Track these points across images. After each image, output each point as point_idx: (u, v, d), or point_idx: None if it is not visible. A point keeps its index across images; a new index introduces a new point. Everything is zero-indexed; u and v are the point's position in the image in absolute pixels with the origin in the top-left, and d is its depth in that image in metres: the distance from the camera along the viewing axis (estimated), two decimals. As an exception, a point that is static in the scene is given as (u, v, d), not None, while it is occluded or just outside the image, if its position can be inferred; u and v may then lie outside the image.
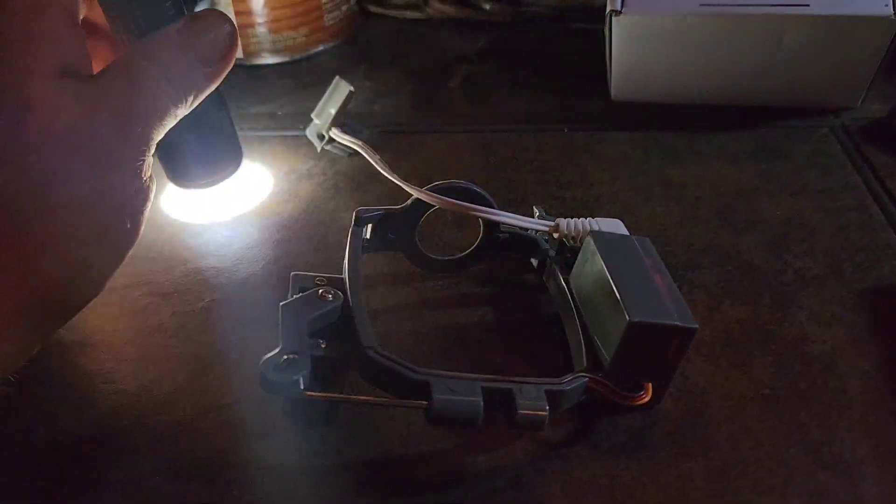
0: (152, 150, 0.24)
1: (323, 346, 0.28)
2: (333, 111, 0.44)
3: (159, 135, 0.24)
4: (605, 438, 0.28)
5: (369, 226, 0.33)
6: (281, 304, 0.27)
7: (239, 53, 0.32)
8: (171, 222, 0.40)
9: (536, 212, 0.36)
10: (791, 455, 0.28)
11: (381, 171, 0.37)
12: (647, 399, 0.28)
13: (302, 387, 0.24)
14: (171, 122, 0.25)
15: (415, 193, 0.32)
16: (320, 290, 0.29)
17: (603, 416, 0.29)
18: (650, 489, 0.27)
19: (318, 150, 0.46)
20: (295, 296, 0.29)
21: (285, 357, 0.24)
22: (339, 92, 0.45)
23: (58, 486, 0.27)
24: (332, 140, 0.45)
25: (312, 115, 0.46)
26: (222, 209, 0.41)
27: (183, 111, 0.25)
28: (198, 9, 0.28)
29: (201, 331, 0.34)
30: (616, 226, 0.32)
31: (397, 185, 0.34)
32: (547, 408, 0.26)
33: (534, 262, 0.36)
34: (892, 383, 0.30)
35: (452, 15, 0.62)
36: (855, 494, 0.26)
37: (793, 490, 0.26)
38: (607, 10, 0.46)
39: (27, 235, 0.20)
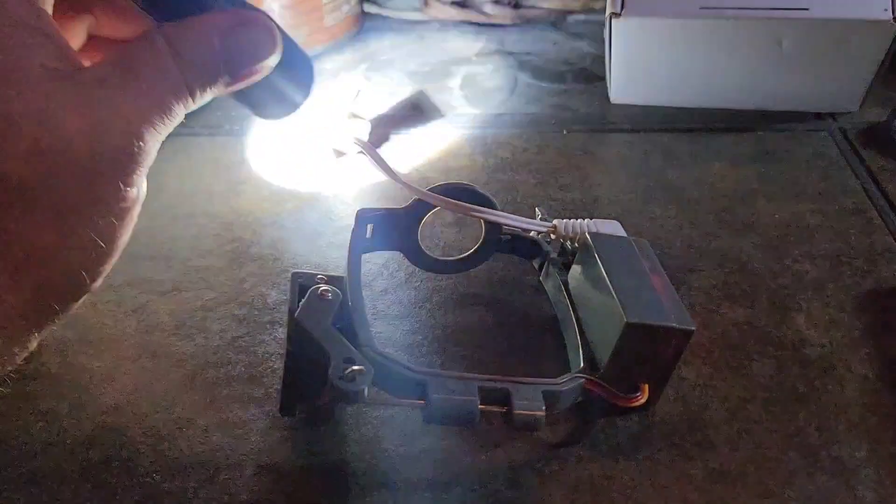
0: (151, 157, 0.22)
1: None
2: (340, 110, 0.44)
3: (156, 141, 0.22)
4: (604, 440, 0.29)
5: (370, 225, 0.33)
6: (296, 314, 0.27)
7: None
8: (169, 221, 0.40)
9: (538, 213, 0.36)
10: (789, 458, 0.28)
11: (384, 172, 0.37)
12: (643, 400, 0.28)
13: (367, 396, 0.24)
14: (172, 125, 0.22)
15: (416, 194, 0.32)
16: (319, 289, 0.29)
17: (602, 418, 0.29)
18: (648, 491, 0.27)
19: (324, 148, 0.46)
20: (300, 301, 0.28)
21: (351, 368, 0.24)
22: (346, 90, 0.45)
23: (56, 484, 0.27)
24: (337, 139, 0.45)
25: (318, 115, 0.46)
26: (222, 208, 0.41)
27: (190, 108, 0.23)
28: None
29: (200, 329, 0.34)
30: (614, 227, 0.32)
31: (399, 185, 0.34)
32: (543, 408, 0.26)
33: (535, 263, 0.36)
34: (890, 386, 0.30)
35: (453, 17, 0.63)
36: (853, 497, 0.26)
37: (791, 493, 0.26)
38: (607, 13, 0.46)
39: (16, 244, 0.20)
